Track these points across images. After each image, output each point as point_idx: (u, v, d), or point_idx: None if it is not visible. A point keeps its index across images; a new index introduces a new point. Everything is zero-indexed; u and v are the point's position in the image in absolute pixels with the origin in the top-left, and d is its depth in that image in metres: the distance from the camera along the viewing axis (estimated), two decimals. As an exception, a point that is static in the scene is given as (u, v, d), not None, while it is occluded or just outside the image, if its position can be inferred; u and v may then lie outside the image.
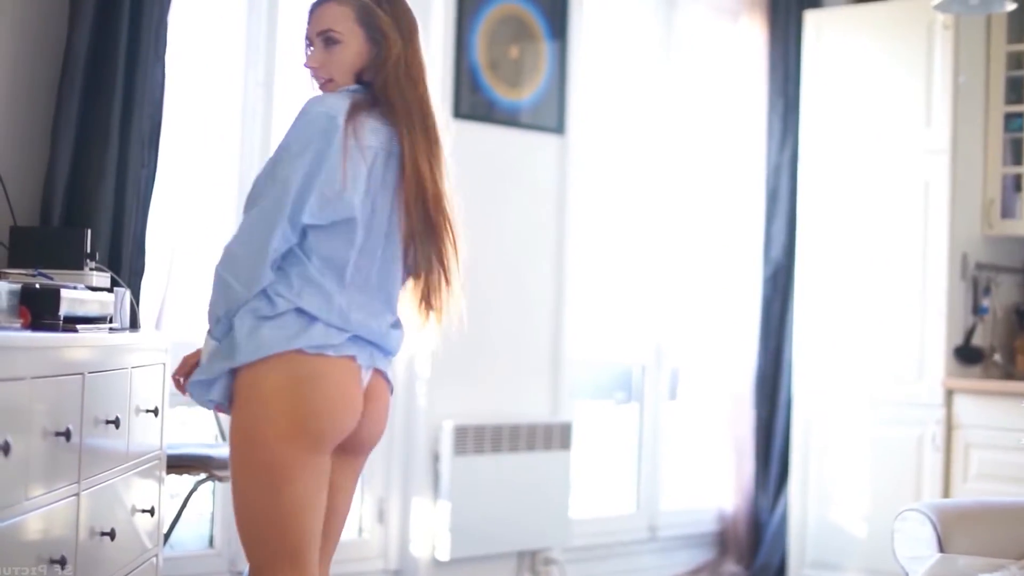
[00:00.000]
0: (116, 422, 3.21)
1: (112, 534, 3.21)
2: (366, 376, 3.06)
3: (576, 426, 5.97)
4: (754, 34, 6.66)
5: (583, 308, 6.22)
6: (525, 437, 5.71)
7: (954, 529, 3.87)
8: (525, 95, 5.88)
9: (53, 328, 3.01)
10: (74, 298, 3.19)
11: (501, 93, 5.79)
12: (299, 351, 2.93)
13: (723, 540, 6.75)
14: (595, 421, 6.71)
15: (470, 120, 5.67)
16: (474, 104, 5.69)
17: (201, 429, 5.30)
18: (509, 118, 5.82)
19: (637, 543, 6.48)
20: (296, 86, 5.22)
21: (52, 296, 3.05)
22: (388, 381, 3.15)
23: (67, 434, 2.82)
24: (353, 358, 2.99)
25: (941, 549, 3.83)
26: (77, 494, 2.98)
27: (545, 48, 5.93)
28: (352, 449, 3.11)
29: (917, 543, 3.89)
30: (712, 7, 6.83)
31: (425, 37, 5.54)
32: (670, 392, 6.74)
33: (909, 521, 3.93)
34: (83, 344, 3.11)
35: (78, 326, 3.17)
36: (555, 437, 5.82)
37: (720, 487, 6.78)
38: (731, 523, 6.69)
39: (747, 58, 6.70)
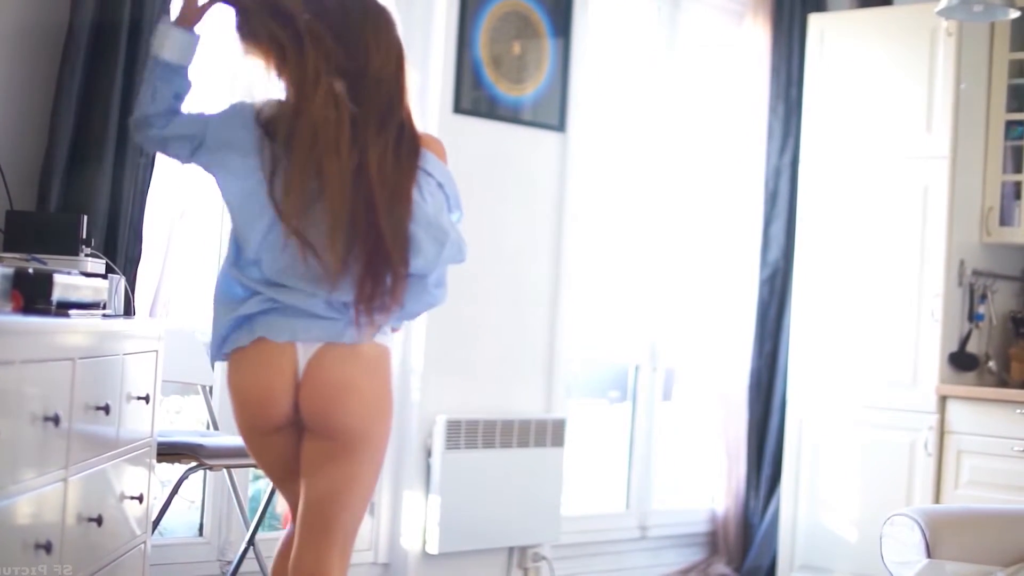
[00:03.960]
0: (106, 408, 3.20)
1: (99, 520, 3.21)
2: (302, 352, 3.05)
3: (569, 423, 5.97)
4: (757, 36, 6.66)
5: (579, 305, 6.22)
6: (518, 433, 5.71)
7: (942, 535, 3.87)
8: (527, 92, 5.88)
9: (45, 313, 3.01)
10: (67, 283, 3.19)
11: (503, 89, 5.79)
12: None
13: (713, 541, 6.76)
14: (589, 419, 6.72)
15: (471, 116, 5.66)
16: (476, 100, 5.69)
17: (194, 417, 5.32)
18: (510, 115, 5.82)
19: (627, 542, 6.48)
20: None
21: (45, 281, 3.05)
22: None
23: (56, 419, 2.82)
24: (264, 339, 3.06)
25: (929, 555, 3.84)
26: (65, 479, 2.98)
27: (548, 45, 5.93)
28: (310, 430, 3.10)
29: (905, 548, 3.90)
30: (716, 8, 6.83)
31: (427, 32, 5.60)
32: (665, 392, 6.74)
33: (898, 526, 3.94)
34: (74, 329, 3.11)
35: (71, 311, 3.18)
36: (548, 434, 5.82)
37: (712, 488, 6.78)
38: (722, 524, 6.69)
39: (750, 60, 6.70)
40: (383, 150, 3.02)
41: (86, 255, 3.79)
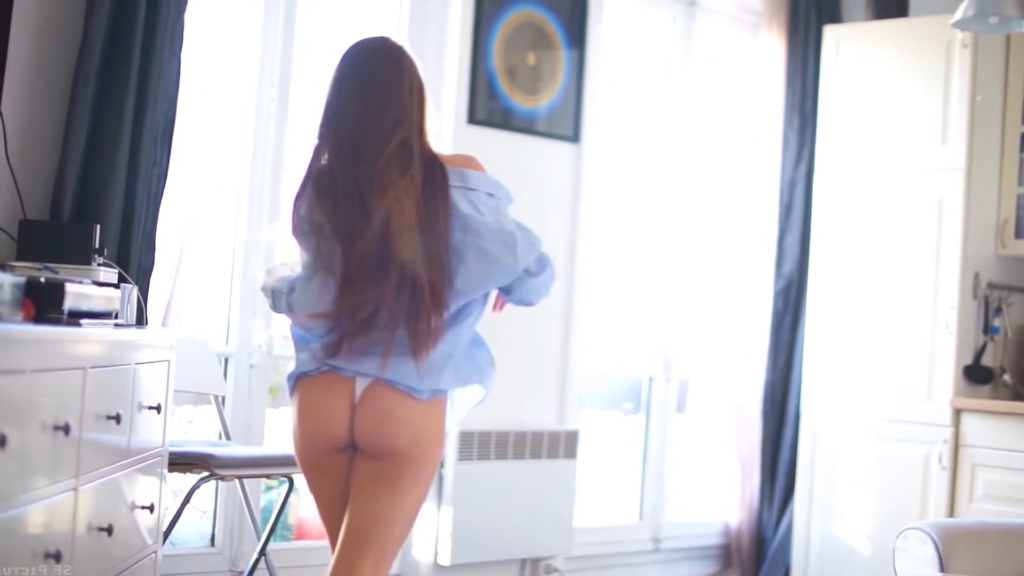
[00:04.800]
0: (117, 418, 3.21)
1: (110, 530, 3.21)
2: (360, 382, 3.22)
3: (583, 435, 5.95)
4: (773, 47, 6.65)
5: (593, 317, 6.21)
6: (531, 444, 5.71)
7: (956, 549, 3.86)
8: (541, 102, 5.88)
9: (56, 322, 3.01)
10: (79, 292, 3.19)
11: (517, 100, 5.79)
12: None
13: (726, 553, 6.74)
14: (602, 431, 6.70)
15: (486, 126, 5.66)
16: (490, 110, 5.69)
17: (207, 428, 5.31)
18: (525, 125, 5.81)
19: (640, 554, 6.47)
20: (310, 87, 5.26)
21: (56, 290, 3.05)
22: (399, 389, 3.22)
23: (66, 428, 2.82)
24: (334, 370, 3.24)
25: (942, 569, 3.82)
26: (75, 489, 2.99)
27: (562, 56, 5.93)
28: (363, 451, 3.25)
29: (918, 562, 3.88)
30: (732, 19, 6.83)
31: (442, 43, 5.60)
32: (678, 404, 6.73)
33: (911, 540, 3.92)
34: (85, 339, 3.12)
35: (82, 321, 3.17)
36: (561, 445, 5.81)
37: (725, 500, 6.77)
38: (735, 537, 6.67)
39: (765, 71, 6.69)
40: (419, 192, 3.18)
41: (99, 264, 3.80)
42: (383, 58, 3.27)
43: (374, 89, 3.22)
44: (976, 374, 5.90)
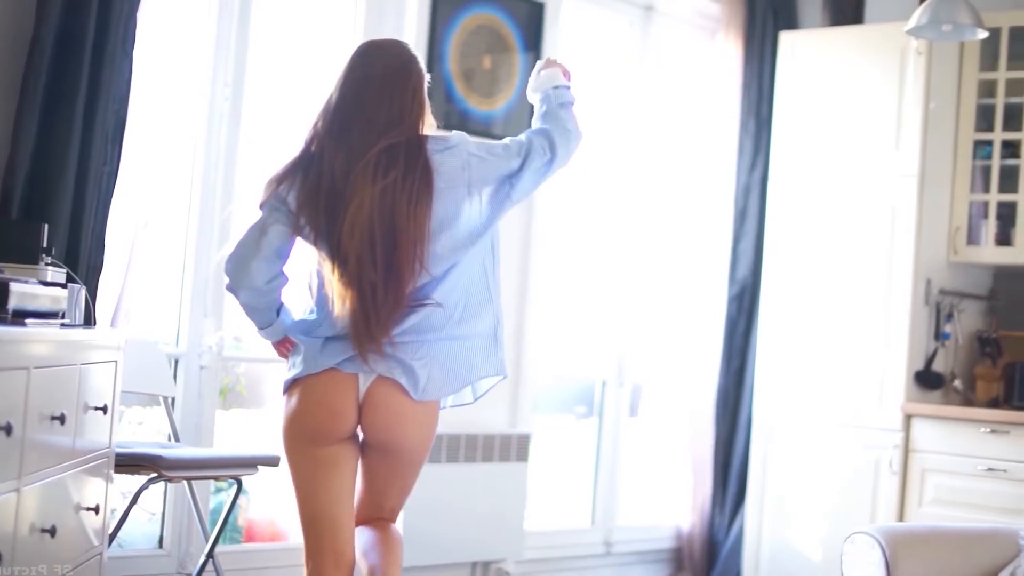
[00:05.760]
0: (62, 418, 3.18)
1: (53, 531, 3.18)
2: (363, 382, 3.40)
3: (535, 438, 5.95)
4: (729, 52, 6.67)
5: (546, 320, 6.21)
6: (482, 448, 5.70)
7: (903, 554, 3.87)
8: (497, 106, 5.87)
9: (0, 321, 2.99)
10: (24, 292, 3.17)
11: (473, 104, 5.78)
12: None
13: (678, 557, 6.75)
14: (555, 435, 6.70)
15: (442, 130, 5.63)
16: (446, 114, 5.67)
17: (156, 429, 5.28)
18: (481, 129, 5.80)
19: (592, 557, 6.47)
20: (264, 87, 5.24)
21: (0, 289, 3.03)
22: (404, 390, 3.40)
23: (8, 429, 2.80)
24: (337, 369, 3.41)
25: (889, 573, 3.83)
26: (17, 490, 2.96)
27: (519, 59, 5.92)
28: (372, 446, 3.51)
29: (866, 566, 3.89)
30: (689, 24, 6.84)
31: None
32: (631, 408, 6.73)
33: (858, 544, 3.93)
34: (30, 338, 3.09)
35: (27, 320, 3.15)
36: (513, 449, 5.81)
37: (677, 505, 6.78)
38: (687, 541, 6.69)
39: (721, 76, 6.70)
40: (403, 190, 3.36)
41: (46, 264, 3.77)
42: (392, 59, 3.45)
43: (377, 88, 3.39)
44: (927, 380, 5.93)
